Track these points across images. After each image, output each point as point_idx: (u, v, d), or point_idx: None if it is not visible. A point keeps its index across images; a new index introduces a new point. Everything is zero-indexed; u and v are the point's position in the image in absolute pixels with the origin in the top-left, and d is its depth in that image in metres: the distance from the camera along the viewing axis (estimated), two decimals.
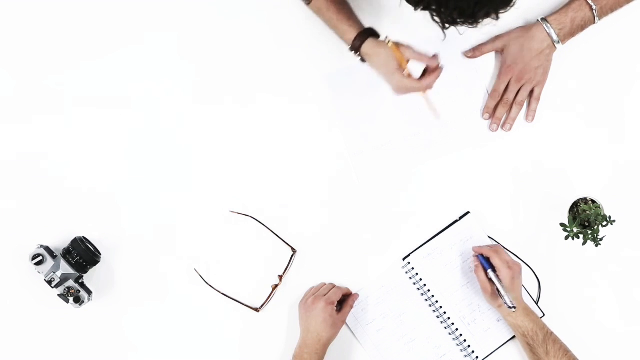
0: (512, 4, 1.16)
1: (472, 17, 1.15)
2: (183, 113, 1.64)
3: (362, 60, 1.51)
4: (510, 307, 1.45)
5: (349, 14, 1.53)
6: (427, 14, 1.18)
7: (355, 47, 1.49)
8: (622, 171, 1.61)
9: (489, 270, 1.50)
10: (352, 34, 1.50)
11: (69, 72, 1.65)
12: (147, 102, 1.64)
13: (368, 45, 1.48)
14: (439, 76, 1.44)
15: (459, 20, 1.16)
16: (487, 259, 1.52)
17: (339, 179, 1.63)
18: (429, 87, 1.45)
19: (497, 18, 1.18)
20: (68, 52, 1.65)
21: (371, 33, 1.50)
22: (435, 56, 1.42)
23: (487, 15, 1.16)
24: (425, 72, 1.45)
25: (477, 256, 1.53)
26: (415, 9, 1.17)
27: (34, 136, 1.64)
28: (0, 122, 1.65)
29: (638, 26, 1.61)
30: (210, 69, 1.65)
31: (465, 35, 1.43)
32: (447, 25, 1.18)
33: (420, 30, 1.44)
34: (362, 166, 1.62)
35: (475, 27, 1.18)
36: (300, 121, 1.63)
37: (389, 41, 1.41)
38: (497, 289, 1.48)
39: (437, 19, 1.17)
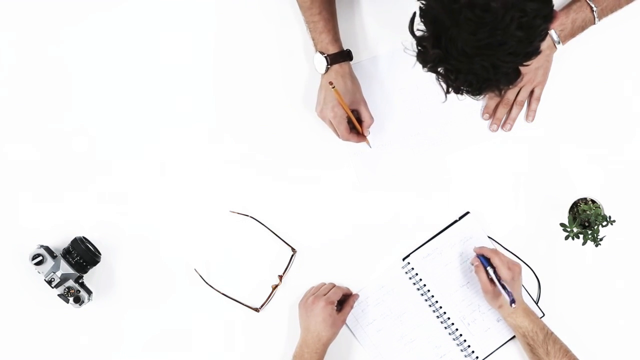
0: (515, 83, 1.17)
1: (478, 91, 1.17)
2: (183, 113, 1.64)
3: (325, 72, 1.53)
4: (510, 304, 1.46)
5: (335, 27, 1.55)
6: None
7: (331, 62, 1.52)
8: (622, 171, 1.61)
9: (488, 268, 1.50)
10: (333, 48, 1.53)
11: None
12: (146, 102, 1.64)
13: (344, 67, 1.52)
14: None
15: (465, 90, 1.17)
16: (487, 259, 1.52)
17: (339, 179, 1.63)
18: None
19: (500, 94, 1.20)
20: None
21: (349, 56, 1.54)
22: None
23: (491, 91, 1.18)
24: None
25: (477, 256, 1.54)
26: (424, 69, 1.17)
27: (33, 138, 1.64)
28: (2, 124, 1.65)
29: (638, 26, 1.61)
30: (211, 68, 1.64)
31: None
32: (450, 90, 1.18)
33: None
34: (362, 166, 1.62)
35: (478, 99, 1.20)
36: (300, 121, 1.63)
37: (333, 86, 1.46)
38: (497, 285, 1.48)
39: (442, 84, 1.18)
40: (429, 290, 1.60)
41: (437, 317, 1.60)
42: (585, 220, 1.52)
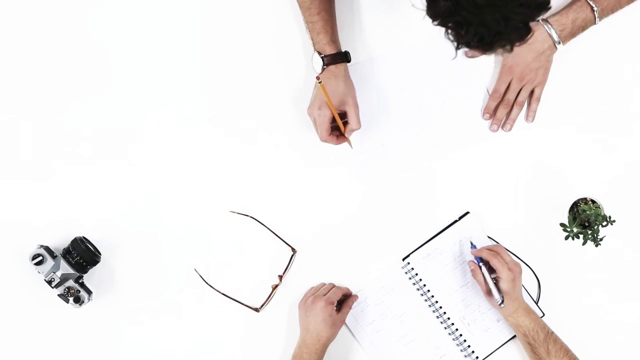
0: (527, 39, 1.16)
1: (489, 45, 1.15)
2: (182, 112, 1.64)
3: (321, 72, 1.53)
4: (498, 302, 1.47)
5: (334, 28, 1.55)
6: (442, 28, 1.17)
7: (327, 63, 1.52)
8: (622, 171, 1.61)
9: (481, 264, 1.50)
10: (331, 49, 1.52)
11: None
12: (145, 102, 1.64)
13: (339, 68, 1.52)
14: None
15: (475, 45, 1.16)
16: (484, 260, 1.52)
17: (339, 179, 1.63)
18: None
19: (511, 50, 1.18)
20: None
21: (347, 57, 1.54)
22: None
23: (502, 46, 1.16)
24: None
25: (475, 258, 1.54)
26: (434, 23, 1.16)
27: (33, 138, 1.64)
28: (1, 124, 1.65)
29: (638, 26, 1.61)
30: (210, 67, 1.64)
31: None
32: (460, 45, 1.17)
33: (423, 30, 1.44)
34: (362, 166, 1.62)
35: (489, 55, 1.18)
36: (300, 121, 1.62)
37: (320, 81, 1.44)
38: (489, 283, 1.50)
39: (452, 38, 1.16)
40: (428, 291, 1.60)
41: (437, 317, 1.60)
42: (585, 220, 1.52)
